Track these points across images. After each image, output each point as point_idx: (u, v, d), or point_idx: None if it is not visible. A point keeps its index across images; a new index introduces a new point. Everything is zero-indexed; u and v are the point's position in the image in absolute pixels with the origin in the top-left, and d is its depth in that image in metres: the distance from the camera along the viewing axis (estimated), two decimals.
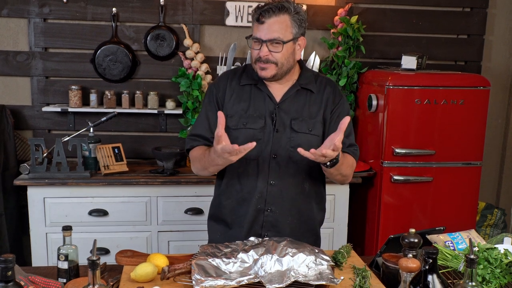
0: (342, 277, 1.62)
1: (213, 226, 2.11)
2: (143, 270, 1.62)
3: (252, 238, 1.81)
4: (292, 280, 1.54)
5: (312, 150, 1.71)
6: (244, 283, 1.54)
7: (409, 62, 3.39)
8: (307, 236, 2.03)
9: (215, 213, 2.10)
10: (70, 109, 3.33)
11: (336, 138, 1.70)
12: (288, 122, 1.96)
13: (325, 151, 1.70)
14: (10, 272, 1.26)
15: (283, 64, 1.92)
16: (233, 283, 1.53)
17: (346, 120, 1.73)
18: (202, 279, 1.53)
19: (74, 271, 1.65)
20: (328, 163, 1.80)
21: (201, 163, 1.95)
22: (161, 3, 3.41)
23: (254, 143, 1.70)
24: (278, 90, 1.99)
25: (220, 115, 1.73)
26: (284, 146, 1.95)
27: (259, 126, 1.95)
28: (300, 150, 1.72)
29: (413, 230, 1.68)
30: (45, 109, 3.35)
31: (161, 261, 1.70)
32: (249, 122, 1.96)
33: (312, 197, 2.05)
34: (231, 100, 2.00)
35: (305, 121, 1.97)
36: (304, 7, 3.52)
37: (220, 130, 1.71)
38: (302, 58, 2.06)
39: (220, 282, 1.53)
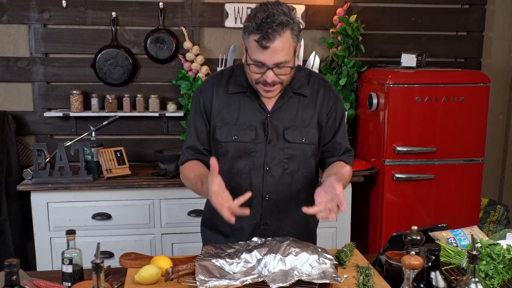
0: (345, 276, 1.62)
1: (208, 234, 2.03)
2: (147, 272, 1.63)
3: (255, 239, 1.81)
4: (296, 279, 1.55)
5: (320, 214, 1.61)
6: (247, 282, 1.54)
7: (408, 60, 3.39)
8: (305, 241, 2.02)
9: (209, 221, 2.01)
10: (71, 114, 3.34)
11: (337, 190, 1.59)
12: (281, 132, 1.85)
13: (333, 214, 1.60)
14: (15, 277, 1.26)
15: (287, 82, 1.80)
16: (237, 283, 1.53)
17: (346, 170, 1.63)
18: (206, 279, 1.54)
19: (78, 275, 1.65)
20: None
21: (192, 187, 1.86)
22: (160, 6, 3.42)
23: (249, 194, 1.63)
24: (269, 98, 1.86)
25: (213, 163, 1.61)
26: (277, 157, 1.86)
27: (251, 138, 1.85)
28: (305, 209, 1.62)
29: (415, 228, 1.68)
30: (46, 114, 3.36)
31: (165, 263, 1.71)
32: (239, 134, 1.85)
33: (307, 202, 1.92)
34: (219, 110, 1.87)
35: (299, 130, 1.87)
36: (303, 7, 3.53)
37: (215, 182, 1.61)
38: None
39: (224, 282, 1.53)
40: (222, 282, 1.53)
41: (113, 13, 3.39)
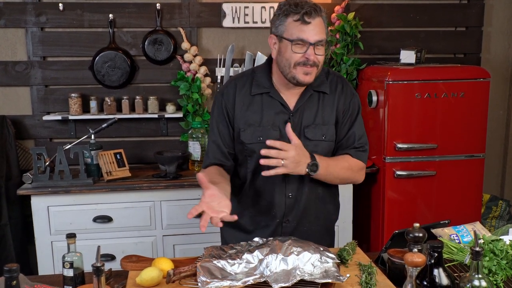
0: (348, 275, 1.61)
1: (230, 233, 2.05)
2: (148, 274, 1.62)
3: (256, 239, 1.81)
4: (298, 278, 1.54)
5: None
6: (250, 283, 1.53)
7: (408, 56, 3.38)
8: (325, 238, 2.05)
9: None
10: (70, 117, 3.34)
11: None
12: (302, 130, 1.90)
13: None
14: (15, 282, 1.25)
15: (321, 67, 1.86)
16: (239, 283, 1.53)
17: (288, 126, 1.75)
18: (208, 280, 1.53)
19: (79, 278, 1.65)
20: (307, 170, 1.78)
21: None
22: (157, 7, 3.41)
23: (235, 217, 1.67)
24: (291, 97, 1.91)
25: (200, 177, 1.67)
26: None
27: (275, 138, 1.83)
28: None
29: (417, 225, 1.67)
30: (45, 117, 3.35)
31: (166, 265, 1.70)
32: (263, 135, 1.87)
33: (326, 199, 2.03)
34: (242, 112, 1.91)
35: (319, 127, 1.91)
36: None
37: (206, 194, 1.67)
38: None
39: (226, 283, 1.52)
40: (224, 283, 1.52)
41: (110, 15, 3.39)
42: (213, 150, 1.96)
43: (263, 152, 1.71)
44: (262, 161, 1.71)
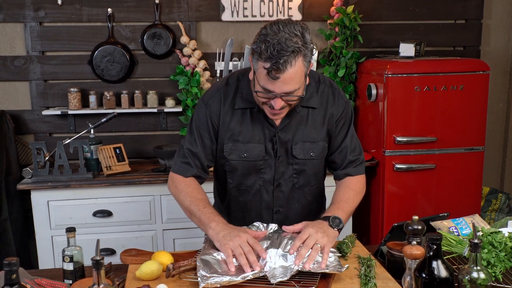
0: (347, 265, 1.61)
1: None
2: (148, 268, 1.62)
3: (257, 224, 1.81)
4: (295, 269, 1.54)
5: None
6: (249, 278, 1.54)
7: (407, 49, 3.38)
8: None
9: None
10: (70, 112, 3.33)
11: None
12: (290, 147, 1.82)
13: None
14: (14, 275, 1.25)
15: (296, 103, 1.73)
16: (238, 279, 1.52)
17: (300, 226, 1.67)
18: (208, 275, 1.53)
19: (79, 272, 1.65)
20: (335, 228, 1.70)
21: (185, 209, 1.80)
22: (156, 1, 3.40)
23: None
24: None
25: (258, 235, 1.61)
26: (287, 173, 1.85)
27: (260, 156, 1.81)
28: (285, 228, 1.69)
29: (416, 217, 1.67)
30: (45, 112, 3.35)
31: (166, 259, 1.70)
32: (248, 152, 1.80)
33: (318, 212, 1.96)
34: (226, 125, 1.80)
35: (307, 144, 1.83)
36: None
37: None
38: None
39: (226, 278, 1.52)
40: (224, 278, 1.52)
41: (109, 10, 3.38)
42: (194, 161, 1.83)
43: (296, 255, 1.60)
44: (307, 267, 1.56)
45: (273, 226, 1.81)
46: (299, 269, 1.55)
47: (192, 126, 1.85)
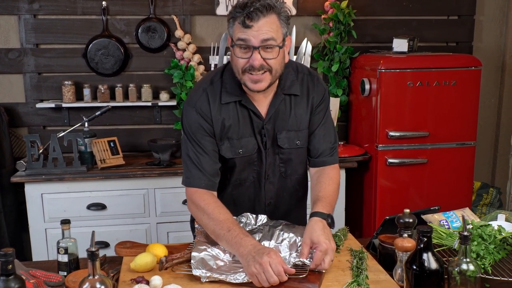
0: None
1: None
2: (143, 260, 1.64)
3: (246, 214, 1.83)
4: (292, 263, 1.56)
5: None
6: (241, 270, 1.56)
7: (400, 45, 3.40)
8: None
9: None
10: (64, 105, 3.33)
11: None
12: (275, 137, 1.82)
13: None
14: (10, 266, 1.27)
15: (277, 71, 1.69)
16: (236, 276, 1.54)
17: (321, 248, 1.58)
18: (203, 274, 1.54)
19: (74, 264, 1.66)
20: (333, 226, 1.72)
21: (211, 233, 1.71)
22: None
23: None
24: (262, 103, 1.79)
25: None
26: (274, 163, 1.86)
27: (255, 149, 1.81)
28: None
29: (407, 211, 1.70)
30: (39, 105, 3.35)
31: (160, 251, 1.72)
32: (244, 148, 1.80)
33: (302, 197, 2.02)
34: (218, 124, 1.76)
35: (293, 134, 1.83)
36: None
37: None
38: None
39: (221, 277, 1.54)
40: (220, 277, 1.54)
41: (104, 3, 3.37)
42: (203, 169, 1.77)
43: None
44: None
45: (263, 218, 1.82)
46: (296, 262, 1.57)
47: (187, 135, 1.80)
